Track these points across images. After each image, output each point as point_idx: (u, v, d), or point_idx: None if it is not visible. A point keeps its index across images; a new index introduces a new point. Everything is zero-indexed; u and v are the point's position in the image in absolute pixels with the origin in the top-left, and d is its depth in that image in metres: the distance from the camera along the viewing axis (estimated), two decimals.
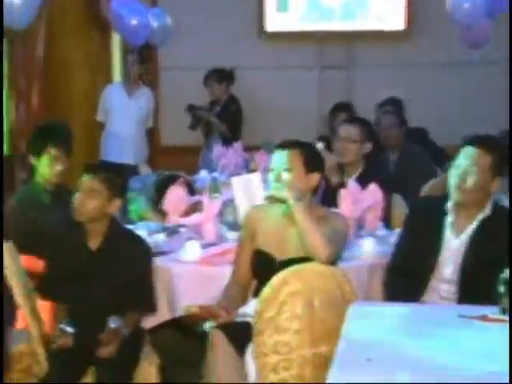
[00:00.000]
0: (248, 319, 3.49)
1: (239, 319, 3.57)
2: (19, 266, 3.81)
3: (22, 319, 3.77)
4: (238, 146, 6.75)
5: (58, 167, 4.39)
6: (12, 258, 3.78)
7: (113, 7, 7.14)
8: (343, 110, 7.31)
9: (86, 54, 8.12)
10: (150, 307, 3.82)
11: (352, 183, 4.59)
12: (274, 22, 8.78)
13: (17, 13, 5.92)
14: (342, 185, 4.68)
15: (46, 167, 4.39)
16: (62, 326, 3.64)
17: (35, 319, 3.75)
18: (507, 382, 2.34)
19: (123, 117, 7.30)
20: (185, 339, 4.51)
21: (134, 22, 7.04)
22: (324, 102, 8.29)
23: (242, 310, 3.62)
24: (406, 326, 2.92)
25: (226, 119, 7.64)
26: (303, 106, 8.64)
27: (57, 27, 7.35)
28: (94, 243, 3.77)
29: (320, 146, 4.96)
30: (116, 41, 8.64)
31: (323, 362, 3.16)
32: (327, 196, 4.60)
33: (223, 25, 8.61)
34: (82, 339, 3.60)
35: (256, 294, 3.55)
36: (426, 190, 5.23)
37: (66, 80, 7.77)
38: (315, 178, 3.69)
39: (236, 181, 4.60)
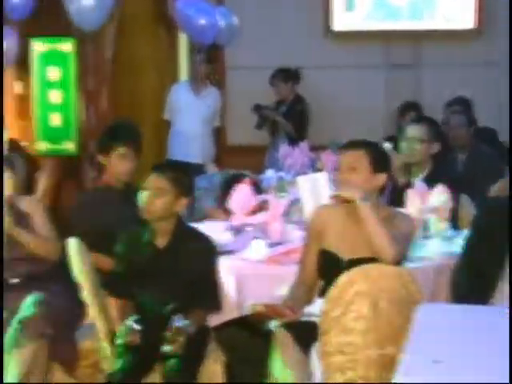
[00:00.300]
0: (313, 319, 3.48)
1: (305, 319, 3.57)
2: (88, 263, 3.87)
3: (90, 316, 3.83)
4: (304, 145, 6.71)
5: (127, 166, 4.43)
6: (81, 256, 3.84)
7: (180, 7, 7.19)
8: (411, 109, 7.26)
9: (153, 54, 8.21)
10: (216, 305, 3.84)
11: (419, 183, 4.55)
12: (341, 21, 8.75)
13: (88, 14, 6.00)
14: (409, 185, 4.65)
15: (115, 166, 4.44)
16: (129, 323, 3.68)
17: (103, 316, 3.80)
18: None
19: (190, 116, 7.35)
20: (250, 337, 4.52)
21: (202, 21, 7.08)
22: (391, 102, 8.25)
23: (307, 310, 3.62)
24: (474, 328, 2.88)
25: (292, 119, 7.65)
26: (370, 106, 8.59)
27: (126, 28, 7.43)
28: (161, 242, 3.81)
29: (387, 145, 4.93)
30: (182, 40, 8.71)
31: (389, 363, 3.14)
32: (394, 196, 4.57)
33: (289, 24, 8.60)
34: (148, 337, 3.64)
35: (322, 293, 3.55)
36: (496, 190, 5.16)
37: (134, 80, 7.86)
38: (382, 177, 3.68)
39: (302, 180, 4.59)
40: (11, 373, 3.72)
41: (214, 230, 4.53)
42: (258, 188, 5.15)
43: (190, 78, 7.86)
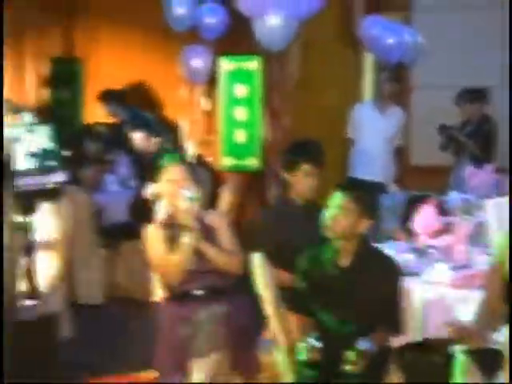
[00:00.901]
0: (499, 346, 3.37)
1: (490, 345, 3.47)
2: (271, 278, 3.92)
3: (271, 330, 3.87)
4: (489, 166, 6.56)
5: (311, 183, 4.47)
6: (264, 270, 3.90)
7: (367, 26, 7.19)
8: None
9: (338, 72, 8.24)
10: (397, 328, 3.80)
11: None
12: None
13: (275, 35, 6.09)
14: None
15: (299, 183, 4.48)
16: (309, 339, 3.69)
17: (284, 330, 3.84)
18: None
19: (374, 134, 7.32)
20: (432, 360, 4.45)
21: (390, 40, 7.05)
22: None
23: (493, 337, 3.51)
24: None
25: (478, 139, 7.46)
26: None
27: (310, 46, 7.51)
28: (344, 261, 3.80)
29: None
30: (367, 59, 8.70)
31: None
32: None
33: (476, 42, 8.42)
34: (329, 354, 3.64)
35: (508, 320, 3.43)
36: None
37: (317, 98, 7.92)
38: None
39: (490, 203, 4.48)
40: (196, 379, 3.84)
41: (396, 250, 4.49)
42: (442, 209, 5.06)
43: (375, 97, 7.84)
